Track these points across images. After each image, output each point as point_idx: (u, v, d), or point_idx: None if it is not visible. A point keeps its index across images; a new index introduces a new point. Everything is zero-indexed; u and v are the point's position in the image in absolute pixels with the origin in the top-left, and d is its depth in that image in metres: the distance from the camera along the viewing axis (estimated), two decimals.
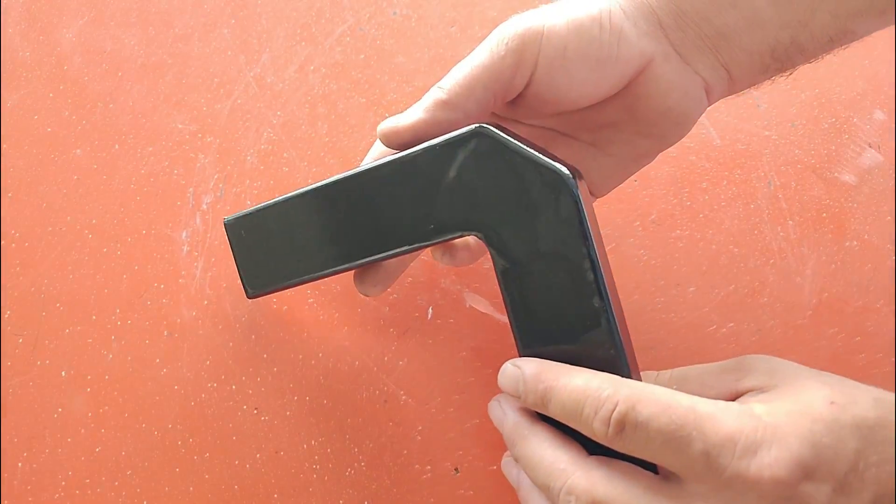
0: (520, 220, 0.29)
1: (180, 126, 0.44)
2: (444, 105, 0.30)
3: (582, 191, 0.28)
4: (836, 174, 0.42)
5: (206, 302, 0.42)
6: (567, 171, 0.28)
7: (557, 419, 0.28)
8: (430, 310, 0.41)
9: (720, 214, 0.42)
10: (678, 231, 0.42)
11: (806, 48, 0.30)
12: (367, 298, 0.41)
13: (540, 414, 0.29)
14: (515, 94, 0.31)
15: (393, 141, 0.31)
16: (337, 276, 0.38)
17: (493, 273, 0.31)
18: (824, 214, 0.42)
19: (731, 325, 0.40)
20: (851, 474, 0.24)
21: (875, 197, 0.42)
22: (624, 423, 0.25)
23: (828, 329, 0.40)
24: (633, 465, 0.27)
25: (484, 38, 0.35)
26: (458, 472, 0.39)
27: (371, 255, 0.32)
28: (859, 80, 0.43)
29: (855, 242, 0.41)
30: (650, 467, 0.27)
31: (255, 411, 0.40)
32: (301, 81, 0.44)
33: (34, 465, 0.40)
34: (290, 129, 0.44)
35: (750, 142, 0.43)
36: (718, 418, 0.24)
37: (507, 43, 0.29)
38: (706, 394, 0.27)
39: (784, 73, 0.32)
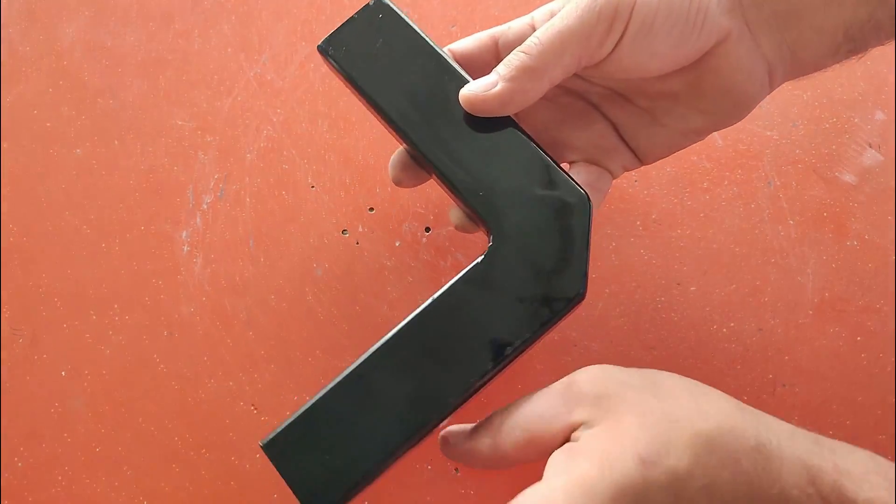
0: (527, 268, 0.30)
1: (180, 123, 0.44)
2: (531, 73, 0.30)
3: (569, 313, 0.31)
4: (836, 174, 0.42)
5: (204, 299, 0.42)
6: (582, 295, 0.30)
7: None
8: None
9: (721, 214, 0.42)
10: (679, 230, 0.42)
11: (884, 25, 0.29)
12: (367, 297, 0.41)
13: None
14: (598, 61, 0.31)
15: (479, 110, 0.31)
16: (334, 270, 0.38)
17: None
18: (825, 214, 0.41)
19: (733, 324, 0.40)
20: None
21: (876, 196, 0.42)
22: None
23: (829, 328, 0.40)
24: None
25: None
26: (458, 471, 0.39)
27: (430, 153, 0.32)
28: (860, 81, 0.43)
29: (856, 242, 0.41)
30: None
31: (254, 409, 0.40)
32: (301, 79, 0.44)
33: (33, 462, 0.40)
34: (290, 127, 0.44)
35: (751, 142, 0.43)
36: None
37: (599, 10, 0.29)
38: (546, 428, 0.28)
39: (856, 55, 0.31)
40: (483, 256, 0.31)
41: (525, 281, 0.30)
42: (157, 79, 0.45)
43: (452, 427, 0.32)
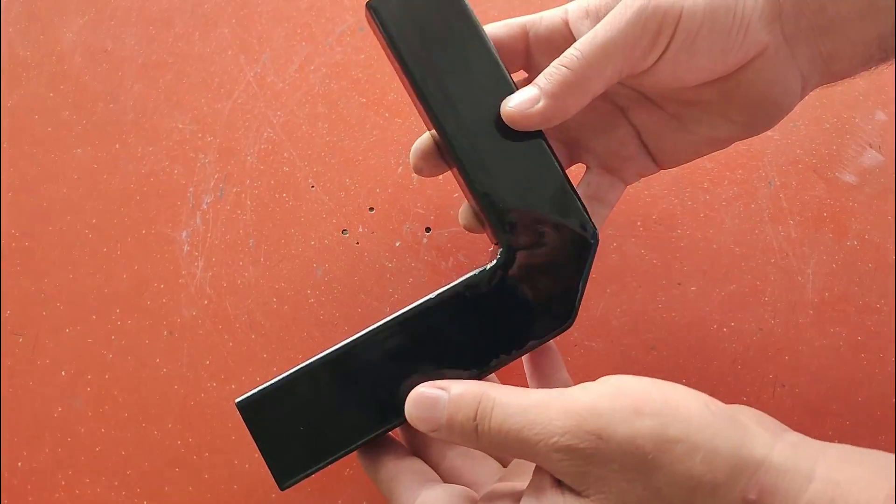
0: (526, 288, 0.31)
1: (180, 126, 0.44)
2: (573, 88, 0.29)
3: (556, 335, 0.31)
4: (837, 174, 0.42)
5: (205, 301, 0.42)
6: (571, 324, 0.31)
7: None
8: None
9: (721, 214, 0.42)
10: (679, 230, 0.42)
11: None
12: (367, 298, 0.41)
13: None
14: (639, 72, 0.30)
15: (520, 126, 0.30)
16: (335, 272, 0.38)
17: None
18: (825, 214, 0.41)
19: (733, 324, 0.40)
20: None
21: (876, 196, 0.42)
22: None
23: (829, 328, 0.40)
24: None
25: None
26: None
27: (459, 149, 0.31)
28: (861, 81, 0.43)
29: (856, 242, 0.41)
30: None
31: None
32: (301, 81, 0.44)
33: (34, 465, 0.40)
34: (290, 129, 0.44)
35: (751, 141, 0.42)
36: None
37: (644, 23, 0.28)
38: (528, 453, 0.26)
39: (887, 63, 0.31)
40: (486, 269, 0.31)
41: (522, 300, 0.31)
42: (158, 81, 0.45)
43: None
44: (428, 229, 0.42)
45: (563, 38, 0.32)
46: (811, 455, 0.25)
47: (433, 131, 0.33)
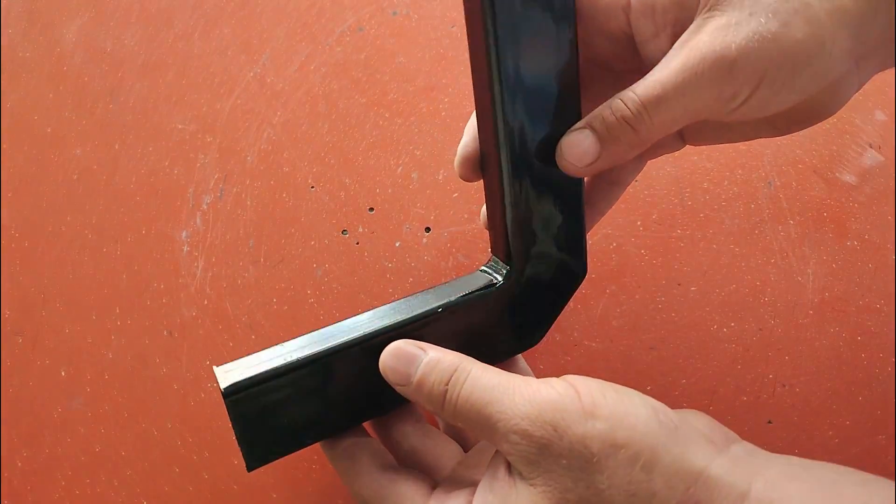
0: (518, 313, 0.33)
1: (181, 125, 0.44)
2: (631, 145, 0.28)
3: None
4: (837, 174, 0.42)
5: (205, 301, 0.42)
6: (537, 342, 0.34)
7: None
8: None
9: (721, 214, 0.42)
10: (679, 230, 0.42)
11: None
12: (367, 298, 0.41)
13: None
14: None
15: (574, 175, 0.30)
16: (337, 273, 0.38)
17: None
18: (825, 214, 0.41)
19: (733, 324, 0.40)
20: None
21: (876, 197, 0.42)
22: None
23: (829, 328, 0.40)
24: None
25: None
26: None
27: (515, 163, 0.30)
28: None
29: (856, 242, 0.41)
30: None
31: None
32: (301, 81, 0.44)
33: (34, 465, 0.40)
34: (290, 129, 0.44)
35: (751, 142, 0.43)
36: None
37: (720, 85, 0.26)
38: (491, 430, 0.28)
39: None
40: (494, 287, 0.32)
41: (510, 323, 0.33)
42: (158, 81, 0.45)
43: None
44: (428, 229, 0.42)
45: (617, 24, 0.30)
46: (751, 471, 0.25)
47: (486, 133, 0.31)
